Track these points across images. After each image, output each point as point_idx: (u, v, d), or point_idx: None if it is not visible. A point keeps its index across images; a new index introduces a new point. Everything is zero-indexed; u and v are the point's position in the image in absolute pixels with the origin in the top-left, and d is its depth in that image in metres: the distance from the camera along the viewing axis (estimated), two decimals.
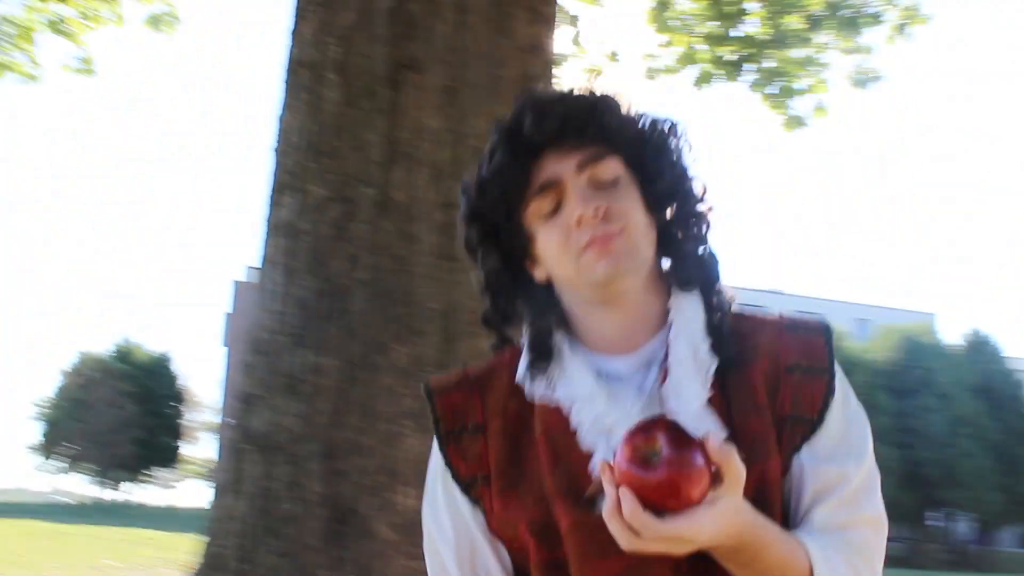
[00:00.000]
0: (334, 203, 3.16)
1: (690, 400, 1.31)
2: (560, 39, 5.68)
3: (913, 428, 37.20)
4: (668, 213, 1.40)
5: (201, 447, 57.05)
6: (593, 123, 1.36)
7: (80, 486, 49.16)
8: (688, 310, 1.38)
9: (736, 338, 1.36)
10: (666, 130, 1.41)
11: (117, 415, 40.92)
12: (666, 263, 1.42)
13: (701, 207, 1.41)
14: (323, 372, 3.06)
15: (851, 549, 1.29)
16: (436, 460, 1.43)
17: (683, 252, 1.41)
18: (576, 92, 1.39)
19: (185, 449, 52.76)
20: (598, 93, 1.39)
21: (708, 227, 1.43)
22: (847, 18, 7.81)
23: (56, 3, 7.94)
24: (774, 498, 1.29)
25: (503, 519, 1.36)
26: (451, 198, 3.21)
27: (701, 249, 1.42)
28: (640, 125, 1.40)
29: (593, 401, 1.33)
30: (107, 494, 47.90)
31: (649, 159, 1.39)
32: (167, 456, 47.01)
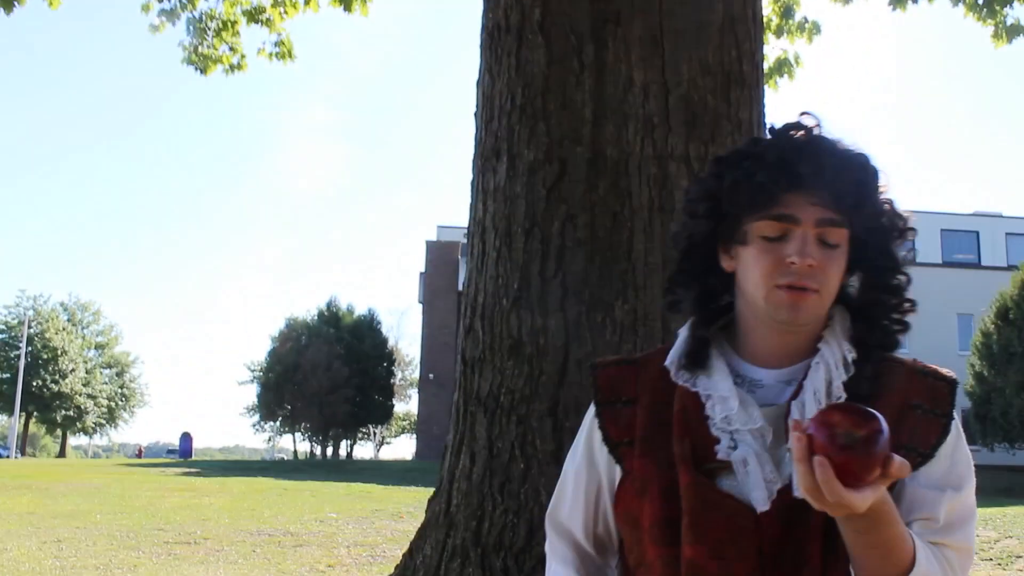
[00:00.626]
0: (547, 165, 3.16)
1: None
2: None
3: None
4: (867, 295, 1.58)
5: (411, 403, 59.33)
6: (851, 190, 1.50)
7: (297, 445, 52.00)
8: (836, 345, 1.54)
9: (873, 378, 1.51)
10: (898, 223, 1.57)
11: (328, 376, 42.91)
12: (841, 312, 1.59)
13: (901, 304, 1.58)
14: (546, 333, 3.09)
15: (943, 558, 1.44)
16: (588, 423, 1.66)
17: (868, 324, 1.58)
18: (850, 150, 1.53)
19: (396, 406, 54.95)
20: (868, 164, 1.53)
21: (897, 322, 1.58)
22: None
23: None
24: None
25: (640, 477, 1.55)
26: (663, 151, 3.17)
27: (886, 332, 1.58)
28: (882, 210, 1.55)
29: (726, 402, 1.52)
30: (323, 452, 50.41)
31: (874, 247, 1.55)
32: (379, 413, 48.94)
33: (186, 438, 50.14)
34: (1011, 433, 25.55)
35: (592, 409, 1.66)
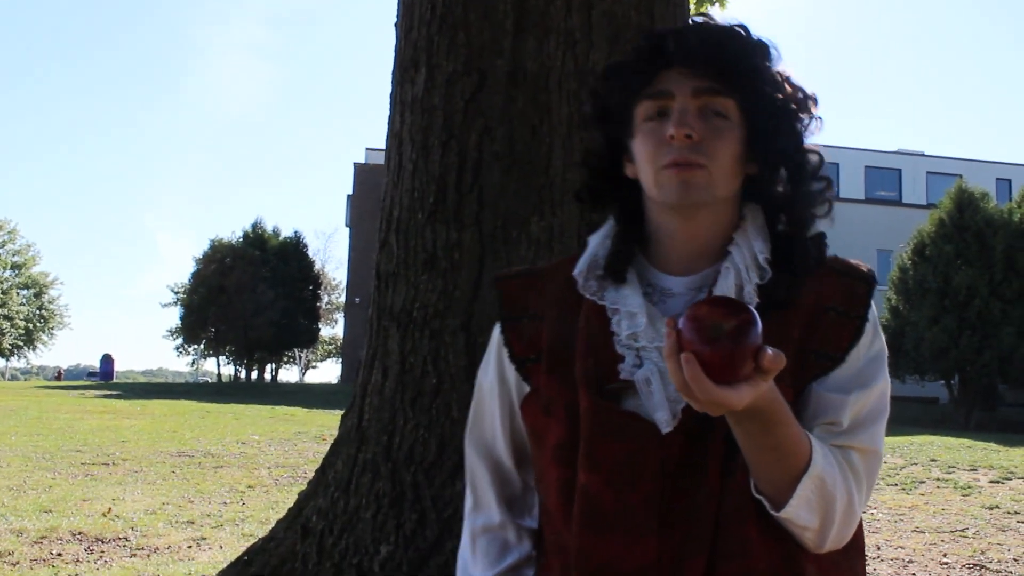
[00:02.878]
0: (465, 76, 3.09)
1: None
2: None
3: None
4: (772, 176, 1.48)
5: (337, 327, 58.97)
6: (727, 58, 1.44)
7: (221, 368, 51.50)
8: (747, 247, 1.46)
9: (789, 284, 1.43)
10: (798, 96, 1.48)
11: (253, 298, 42.38)
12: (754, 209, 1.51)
13: (814, 186, 1.49)
14: (461, 247, 3.05)
15: (843, 459, 1.38)
16: (495, 339, 1.62)
17: (783, 214, 1.49)
18: (722, 24, 1.48)
19: (322, 330, 54.56)
20: (745, 33, 1.47)
21: (816, 206, 1.50)
22: None
23: None
24: None
25: (546, 395, 1.51)
26: (584, 66, 3.12)
27: (804, 228, 1.49)
28: (773, 81, 1.46)
29: (633, 318, 1.46)
30: (247, 375, 49.99)
31: (766, 117, 1.45)
32: (305, 337, 48.56)
33: (107, 360, 49.39)
34: (922, 366, 26.31)
35: (498, 325, 1.62)
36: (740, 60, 1.44)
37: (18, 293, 61.21)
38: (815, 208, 1.49)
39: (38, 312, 62.34)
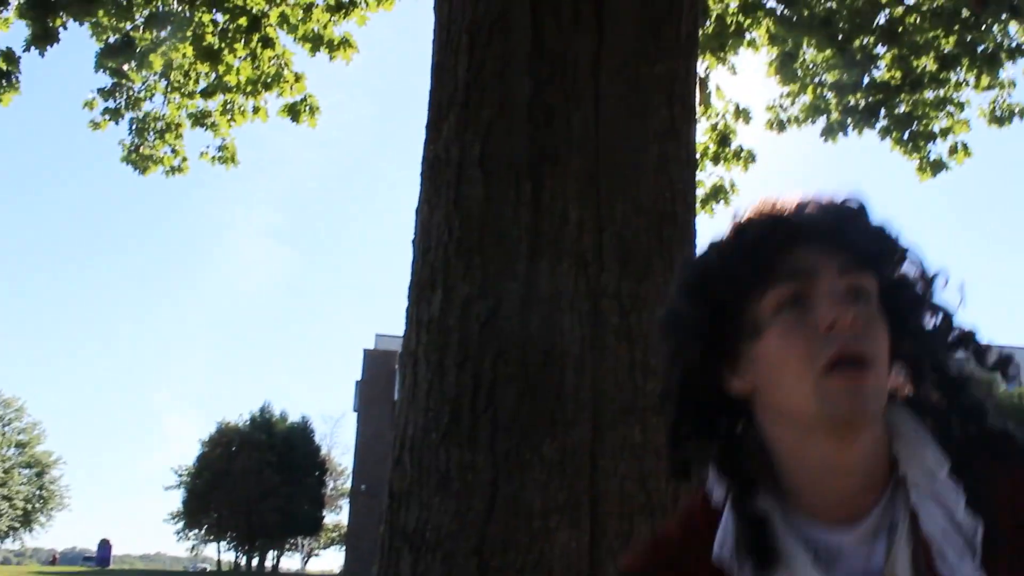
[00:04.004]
0: (481, 299, 3.17)
1: None
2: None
3: None
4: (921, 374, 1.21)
5: (342, 514, 57.91)
6: (865, 239, 1.18)
7: (221, 555, 50.31)
8: (915, 455, 1.15)
9: (979, 489, 1.12)
10: (923, 267, 1.23)
11: (258, 484, 41.87)
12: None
13: (952, 349, 1.22)
14: (475, 468, 3.05)
15: None
16: None
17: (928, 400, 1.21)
18: (843, 198, 1.22)
19: (327, 517, 53.61)
20: (868, 207, 1.21)
21: (962, 374, 1.22)
22: (986, 54, 7.57)
23: (200, 99, 8.36)
24: None
25: None
26: (596, 287, 3.21)
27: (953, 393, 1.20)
28: (911, 264, 1.22)
29: None
30: (248, 562, 48.83)
31: (902, 290, 1.21)
32: (309, 524, 47.71)
33: (104, 545, 48.41)
34: None
35: None
36: (877, 237, 1.20)
37: (20, 472, 60.59)
38: (983, 399, 1.20)
39: (38, 492, 61.52)
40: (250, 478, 41.84)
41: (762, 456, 1.20)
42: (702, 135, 8.66)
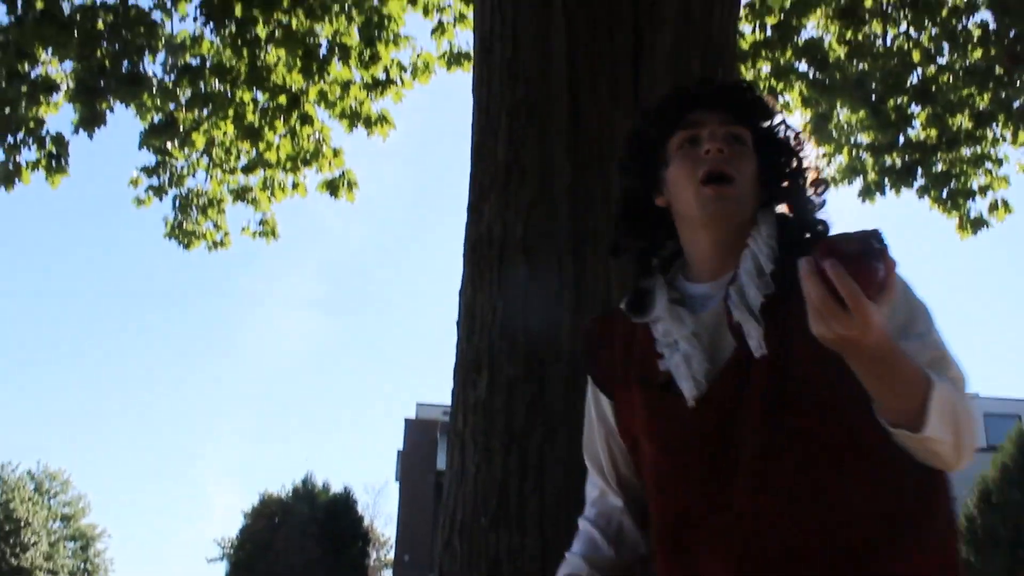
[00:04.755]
0: (526, 382, 3.19)
1: (751, 305, 1.67)
2: None
3: None
4: (782, 197, 1.84)
5: None
6: (742, 101, 1.83)
7: None
8: (762, 239, 1.73)
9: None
10: (793, 133, 1.86)
11: (301, 555, 41.68)
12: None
13: (812, 195, 1.82)
14: (524, 552, 3.04)
15: (952, 388, 1.55)
16: (590, 381, 2.03)
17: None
18: (736, 80, 2.07)
19: None
20: (756, 88, 1.96)
21: (817, 208, 1.82)
22: (1022, 110, 7.53)
23: (241, 175, 8.51)
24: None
25: (626, 401, 1.88)
26: None
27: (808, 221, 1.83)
28: (776, 121, 1.86)
29: (662, 321, 1.78)
30: None
31: (772, 145, 1.83)
32: None
33: None
34: None
35: (584, 360, 2.07)
36: (756, 109, 1.85)
37: (65, 546, 60.76)
38: (816, 209, 1.82)
39: (83, 566, 61.60)
40: (293, 550, 41.62)
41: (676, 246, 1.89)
42: None
